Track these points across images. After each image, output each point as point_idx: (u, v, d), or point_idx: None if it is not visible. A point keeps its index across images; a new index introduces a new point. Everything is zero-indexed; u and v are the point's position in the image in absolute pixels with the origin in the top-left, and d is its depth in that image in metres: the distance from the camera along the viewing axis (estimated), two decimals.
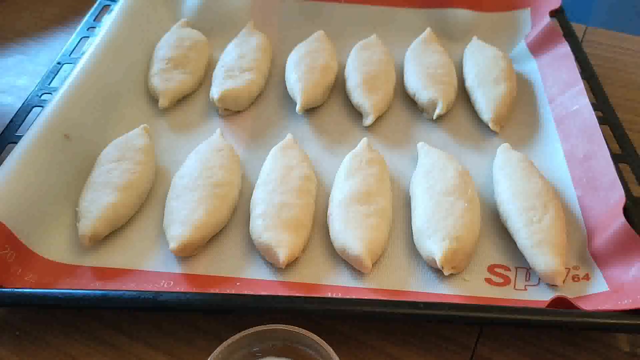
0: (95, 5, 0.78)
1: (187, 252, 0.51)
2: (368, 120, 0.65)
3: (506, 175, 0.56)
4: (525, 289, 0.49)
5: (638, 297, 0.44)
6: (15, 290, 0.47)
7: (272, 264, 0.50)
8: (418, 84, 0.67)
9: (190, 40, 0.72)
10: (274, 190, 0.54)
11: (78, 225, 0.52)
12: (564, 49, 0.69)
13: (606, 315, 0.44)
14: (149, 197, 0.57)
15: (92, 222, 0.51)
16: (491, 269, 0.51)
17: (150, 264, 0.51)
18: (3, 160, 0.54)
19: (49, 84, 0.64)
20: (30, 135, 0.55)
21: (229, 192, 0.54)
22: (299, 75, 0.67)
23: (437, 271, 0.50)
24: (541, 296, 0.48)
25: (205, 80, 0.71)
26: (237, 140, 0.64)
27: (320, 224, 0.54)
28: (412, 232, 0.53)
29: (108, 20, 0.72)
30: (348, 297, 0.47)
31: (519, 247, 0.51)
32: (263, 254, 0.51)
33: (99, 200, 0.53)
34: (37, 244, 0.51)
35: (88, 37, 0.72)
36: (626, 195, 0.51)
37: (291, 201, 0.53)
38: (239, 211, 0.56)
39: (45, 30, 0.83)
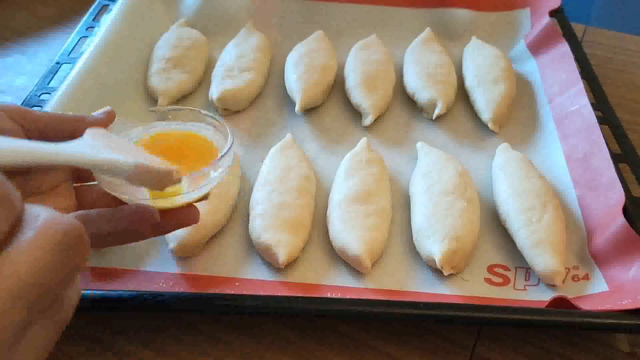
0: (94, 5, 0.78)
1: (187, 252, 0.51)
2: (367, 120, 0.65)
3: (505, 175, 0.56)
4: (525, 289, 0.49)
5: (638, 297, 0.44)
6: None
7: (272, 264, 0.50)
8: (417, 84, 0.67)
9: (189, 40, 0.72)
10: (274, 190, 0.53)
11: None
12: (564, 48, 0.69)
13: (606, 315, 0.44)
14: None
15: None
16: (491, 268, 0.51)
17: (149, 264, 0.51)
18: None
19: (48, 84, 0.64)
20: None
21: (228, 191, 0.54)
22: (298, 75, 0.67)
23: (437, 271, 0.50)
24: (541, 296, 0.48)
25: (204, 80, 0.71)
26: (236, 140, 0.64)
27: (319, 224, 0.54)
28: (411, 232, 0.52)
29: (107, 19, 0.71)
30: (347, 297, 0.47)
31: (518, 247, 0.51)
32: (262, 254, 0.51)
33: None
34: None
35: (87, 36, 0.71)
36: (626, 195, 0.51)
37: (291, 201, 0.52)
38: (238, 211, 0.56)
39: (44, 30, 0.82)
